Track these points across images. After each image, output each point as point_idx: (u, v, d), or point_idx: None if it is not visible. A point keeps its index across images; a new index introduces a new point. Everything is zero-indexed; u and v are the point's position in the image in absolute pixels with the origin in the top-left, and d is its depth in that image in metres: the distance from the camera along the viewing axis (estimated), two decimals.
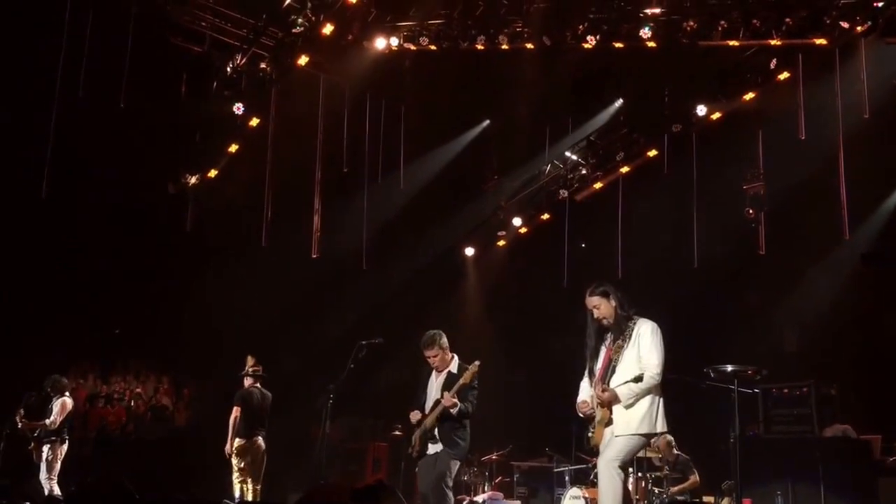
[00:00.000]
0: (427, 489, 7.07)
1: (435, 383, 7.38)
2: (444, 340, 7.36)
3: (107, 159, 11.50)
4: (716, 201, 11.31)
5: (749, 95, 10.86)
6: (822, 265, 11.35)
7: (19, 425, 10.22)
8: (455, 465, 7.20)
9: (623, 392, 5.78)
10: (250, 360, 10.32)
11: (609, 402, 5.85)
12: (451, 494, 7.10)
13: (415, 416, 7.37)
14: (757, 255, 10.82)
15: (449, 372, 7.29)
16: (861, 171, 10.17)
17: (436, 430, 7.17)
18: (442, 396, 7.14)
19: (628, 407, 5.79)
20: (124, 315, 12.28)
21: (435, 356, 7.30)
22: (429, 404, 7.37)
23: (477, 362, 7.13)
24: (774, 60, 10.36)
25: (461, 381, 7.10)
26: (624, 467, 5.77)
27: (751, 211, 10.85)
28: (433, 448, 7.17)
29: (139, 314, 12.24)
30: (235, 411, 10.00)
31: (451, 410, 7.06)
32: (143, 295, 12.34)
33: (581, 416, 6.23)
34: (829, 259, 11.23)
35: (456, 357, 7.40)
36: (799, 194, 10.86)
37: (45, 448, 10.35)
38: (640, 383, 5.73)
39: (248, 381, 10.19)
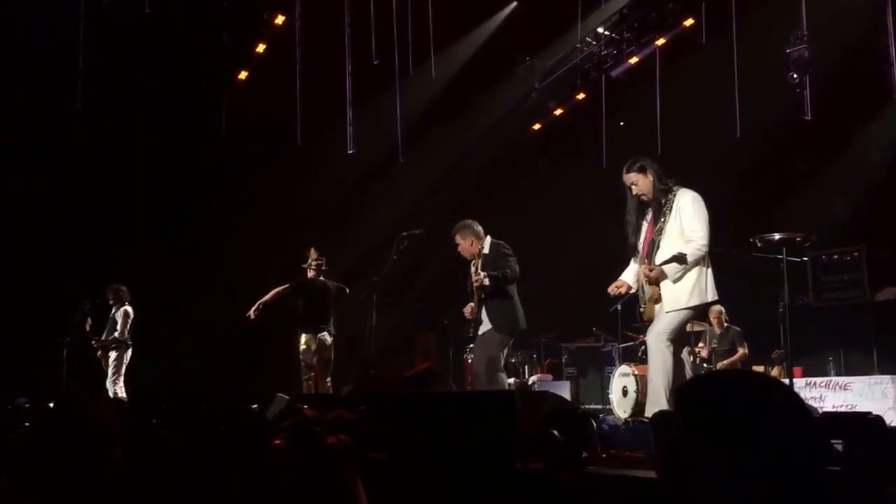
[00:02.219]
0: (479, 368, 7.16)
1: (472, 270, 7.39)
2: (475, 229, 7.27)
3: (136, 67, 11.44)
4: (757, 67, 10.88)
5: None
6: (870, 127, 10.99)
7: (93, 343, 10.77)
8: (504, 346, 7.27)
9: (670, 268, 5.73)
10: (313, 253, 9.95)
11: (657, 279, 5.81)
12: (503, 377, 7.19)
13: (467, 310, 7.39)
14: (802, 121, 10.49)
15: (483, 254, 7.26)
16: None
17: (482, 311, 7.21)
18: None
19: (676, 281, 5.74)
20: (162, 221, 12.38)
21: (457, 245, 7.27)
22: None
23: None
24: None
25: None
26: (674, 340, 5.76)
27: (794, 75, 10.44)
28: (483, 328, 7.23)
29: (179, 219, 12.36)
30: (284, 288, 9.84)
31: (485, 284, 7.06)
32: (182, 200, 12.44)
33: (611, 294, 6.28)
34: (878, 120, 10.88)
35: (488, 238, 7.33)
36: (845, 55, 10.43)
37: (113, 354, 10.79)
38: (686, 258, 5.67)
39: (310, 274, 9.92)
